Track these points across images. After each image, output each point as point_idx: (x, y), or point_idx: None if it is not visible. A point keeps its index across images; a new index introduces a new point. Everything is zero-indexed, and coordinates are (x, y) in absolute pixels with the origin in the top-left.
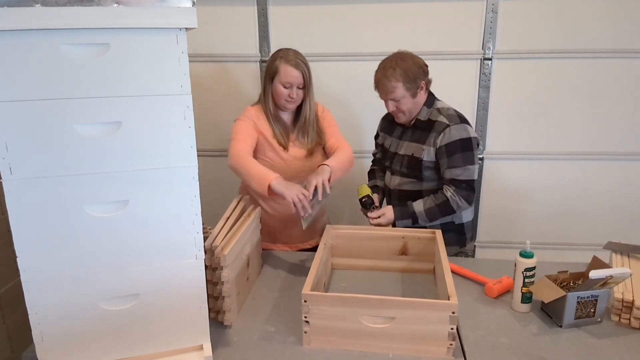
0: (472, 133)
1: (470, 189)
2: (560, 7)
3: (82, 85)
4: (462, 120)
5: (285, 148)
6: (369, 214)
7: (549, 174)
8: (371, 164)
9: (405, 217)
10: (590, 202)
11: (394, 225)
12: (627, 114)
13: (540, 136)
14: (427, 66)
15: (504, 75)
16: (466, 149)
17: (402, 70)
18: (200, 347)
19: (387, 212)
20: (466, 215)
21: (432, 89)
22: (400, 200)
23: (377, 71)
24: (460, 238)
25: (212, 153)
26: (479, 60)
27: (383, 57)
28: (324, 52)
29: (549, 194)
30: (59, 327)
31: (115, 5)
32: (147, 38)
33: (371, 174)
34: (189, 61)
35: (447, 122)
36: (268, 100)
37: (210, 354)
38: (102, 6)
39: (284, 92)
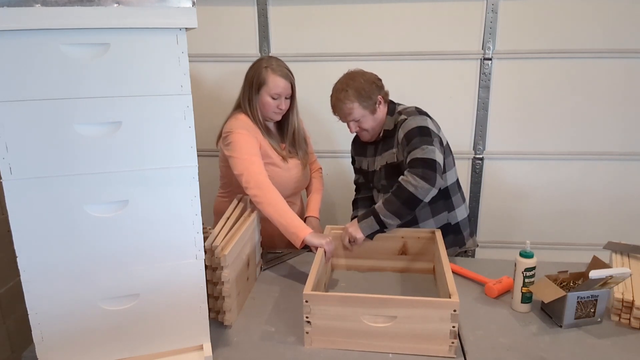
0: (432, 126)
1: (427, 167)
2: (560, 7)
3: (82, 85)
4: (421, 113)
5: (285, 159)
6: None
7: (549, 174)
8: (355, 192)
9: (367, 217)
10: (590, 202)
11: (370, 237)
12: (626, 114)
13: (540, 136)
14: (380, 80)
15: (504, 75)
16: (424, 134)
17: (354, 90)
18: (200, 347)
19: (350, 225)
20: (460, 214)
21: (432, 89)
22: None
23: (331, 96)
24: (457, 238)
25: (212, 153)
26: (479, 60)
27: (383, 57)
28: (324, 52)
29: (549, 194)
30: (59, 327)
31: (115, 5)
32: (147, 38)
33: (354, 204)
34: (189, 61)
35: (405, 117)
36: (255, 111)
37: (210, 354)
38: (102, 6)
39: (272, 104)
